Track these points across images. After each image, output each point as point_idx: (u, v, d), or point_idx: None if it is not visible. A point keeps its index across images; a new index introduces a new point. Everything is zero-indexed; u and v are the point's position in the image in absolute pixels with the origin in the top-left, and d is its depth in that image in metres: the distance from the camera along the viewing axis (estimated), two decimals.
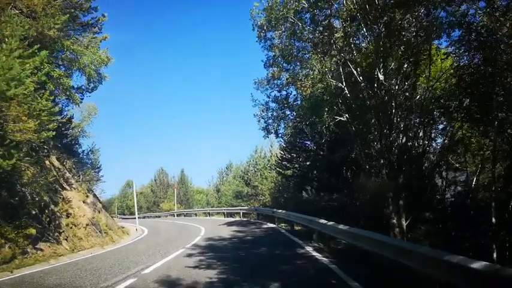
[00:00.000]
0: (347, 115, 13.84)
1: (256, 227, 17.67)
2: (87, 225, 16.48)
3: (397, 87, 12.15)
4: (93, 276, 7.36)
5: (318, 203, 16.71)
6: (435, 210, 13.53)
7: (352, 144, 14.53)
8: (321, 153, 16.85)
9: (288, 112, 14.80)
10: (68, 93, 16.44)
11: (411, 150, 13.22)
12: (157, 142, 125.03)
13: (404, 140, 12.29)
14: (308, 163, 18.76)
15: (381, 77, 11.89)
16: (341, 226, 9.10)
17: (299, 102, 14.65)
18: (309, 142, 17.40)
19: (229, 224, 21.85)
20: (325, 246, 10.57)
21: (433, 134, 14.78)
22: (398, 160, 12.18)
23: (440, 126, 14.86)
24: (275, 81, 14.55)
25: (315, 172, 17.72)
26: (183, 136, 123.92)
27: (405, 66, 12.19)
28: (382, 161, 12.15)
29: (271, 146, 33.62)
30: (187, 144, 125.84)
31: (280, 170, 22.18)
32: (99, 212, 20.62)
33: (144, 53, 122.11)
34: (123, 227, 27.80)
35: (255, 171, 33.76)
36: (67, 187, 17.38)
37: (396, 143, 12.16)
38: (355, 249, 8.19)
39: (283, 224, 18.64)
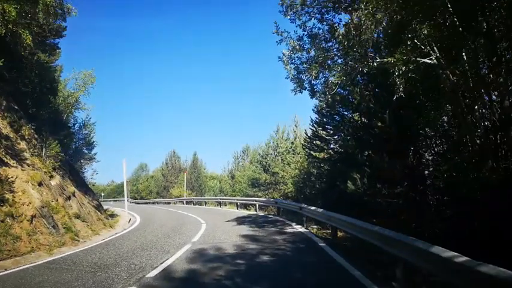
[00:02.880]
0: (438, 54, 8.06)
1: (276, 231, 12.18)
2: (33, 217, 11.42)
3: None
4: None
5: (371, 200, 11.03)
6: None
7: (440, 106, 8.76)
8: (380, 125, 11.08)
9: (334, 53, 8.98)
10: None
11: None
12: (172, 125, 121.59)
13: None
14: (350, 141, 13.05)
15: None
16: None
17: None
18: (362, 106, 11.61)
19: (240, 220, 16.47)
20: None
21: None
22: None
23: None
24: (315, 2, 8.77)
25: (367, 153, 12.01)
26: (200, 119, 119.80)
27: None
28: None
29: (296, 126, 27.87)
30: (203, 128, 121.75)
31: (311, 152, 16.54)
32: (68, 198, 15.61)
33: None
34: (111, 217, 22.99)
35: (276, 155, 28.15)
36: (10, 162, 12.33)
37: None
38: None
39: (315, 227, 13.11)
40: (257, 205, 21.78)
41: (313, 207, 12.11)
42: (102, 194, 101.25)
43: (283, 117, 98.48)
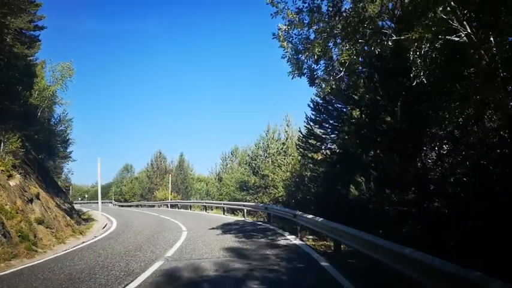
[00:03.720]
0: (469, 30, 6.50)
1: (267, 243, 10.45)
2: None
3: None
4: None
5: (378, 207, 9.41)
6: None
7: (467, 96, 7.23)
8: (389, 120, 9.49)
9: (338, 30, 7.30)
10: None
11: None
12: (159, 125, 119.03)
13: None
14: (352, 139, 11.42)
15: None
16: None
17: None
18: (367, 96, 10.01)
19: (226, 228, 14.71)
20: None
21: None
22: None
23: None
24: None
25: (372, 153, 10.40)
26: (187, 119, 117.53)
27: None
28: None
29: (288, 125, 26.22)
30: (191, 128, 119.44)
31: (305, 152, 14.92)
32: (29, 201, 13.65)
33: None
34: (86, 222, 20.93)
35: (266, 156, 26.43)
36: None
37: None
38: None
39: (310, 237, 11.45)
40: (245, 210, 20.04)
41: (310, 216, 10.43)
42: (86, 196, 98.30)
43: (274, 117, 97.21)
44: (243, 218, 19.54)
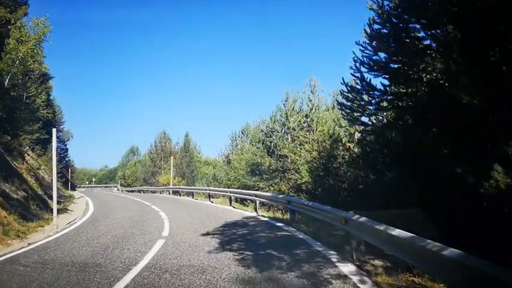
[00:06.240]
0: None
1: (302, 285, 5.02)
2: None
3: None
4: None
5: None
6: None
7: None
8: None
9: None
10: None
11: None
12: (167, 106, 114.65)
13: None
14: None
15: None
16: None
17: None
18: None
19: (228, 233, 9.42)
20: None
21: None
22: None
23: None
24: None
25: None
26: (199, 100, 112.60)
27: None
28: None
29: (312, 92, 20.41)
30: (202, 110, 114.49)
31: (352, 113, 9.38)
32: None
33: None
34: (58, 213, 15.96)
35: (284, 132, 20.86)
36: None
37: None
38: None
39: (380, 264, 6.03)
40: (257, 202, 14.71)
41: (384, 228, 4.98)
42: (93, 180, 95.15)
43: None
44: (255, 214, 14.23)
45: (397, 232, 4.94)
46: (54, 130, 13.12)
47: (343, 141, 16.06)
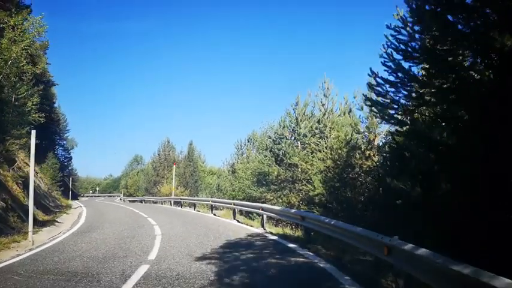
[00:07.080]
0: None
1: None
2: None
3: None
4: None
5: None
6: None
7: None
8: None
9: None
10: None
11: None
12: (172, 117, 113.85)
13: None
14: None
15: None
16: None
17: None
18: None
19: (228, 259, 7.54)
20: None
21: None
22: None
23: None
24: None
25: None
26: (204, 111, 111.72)
27: None
28: None
29: (325, 96, 18.59)
30: (207, 120, 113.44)
31: (383, 109, 7.58)
32: None
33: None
34: (42, 225, 14.20)
35: (295, 138, 19.03)
36: None
37: None
38: None
39: None
40: (264, 216, 12.84)
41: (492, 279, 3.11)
42: (97, 189, 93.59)
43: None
44: (261, 230, 12.35)
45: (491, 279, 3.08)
46: (33, 132, 11.47)
47: (362, 148, 14.22)
